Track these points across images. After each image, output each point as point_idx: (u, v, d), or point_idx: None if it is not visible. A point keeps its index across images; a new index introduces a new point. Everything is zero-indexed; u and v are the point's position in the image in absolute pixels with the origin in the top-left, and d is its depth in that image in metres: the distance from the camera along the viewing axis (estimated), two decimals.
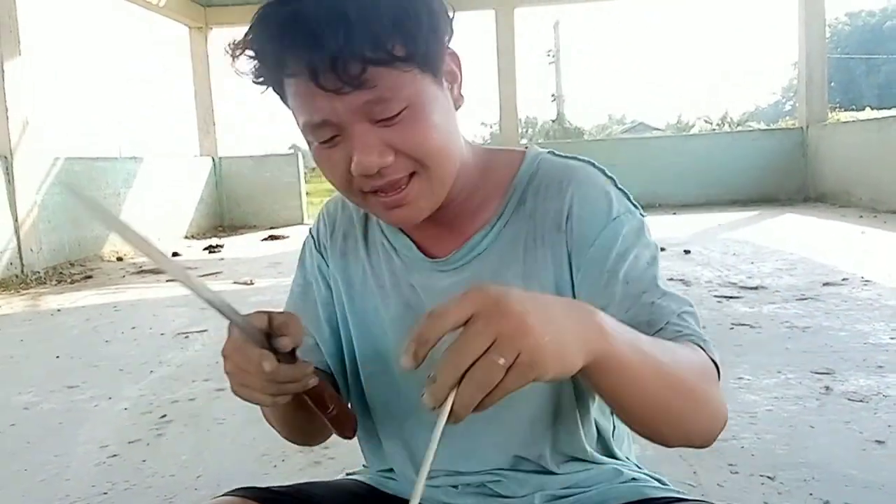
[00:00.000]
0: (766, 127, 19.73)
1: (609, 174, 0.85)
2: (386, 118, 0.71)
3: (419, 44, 0.70)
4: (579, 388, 0.85)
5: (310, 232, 0.97)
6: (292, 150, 12.56)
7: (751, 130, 13.68)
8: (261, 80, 0.74)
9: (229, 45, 0.74)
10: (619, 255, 0.78)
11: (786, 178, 10.13)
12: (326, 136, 0.73)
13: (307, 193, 11.56)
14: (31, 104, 6.45)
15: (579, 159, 0.86)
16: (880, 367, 2.63)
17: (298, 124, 0.75)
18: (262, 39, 0.71)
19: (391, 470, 0.95)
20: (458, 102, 0.78)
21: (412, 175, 0.75)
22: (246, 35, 0.73)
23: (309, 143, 0.76)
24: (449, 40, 0.76)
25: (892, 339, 2.99)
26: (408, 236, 0.88)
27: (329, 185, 0.81)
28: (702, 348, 0.73)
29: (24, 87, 6.35)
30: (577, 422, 0.86)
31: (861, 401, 2.31)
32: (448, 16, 0.75)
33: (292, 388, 0.71)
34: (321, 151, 0.75)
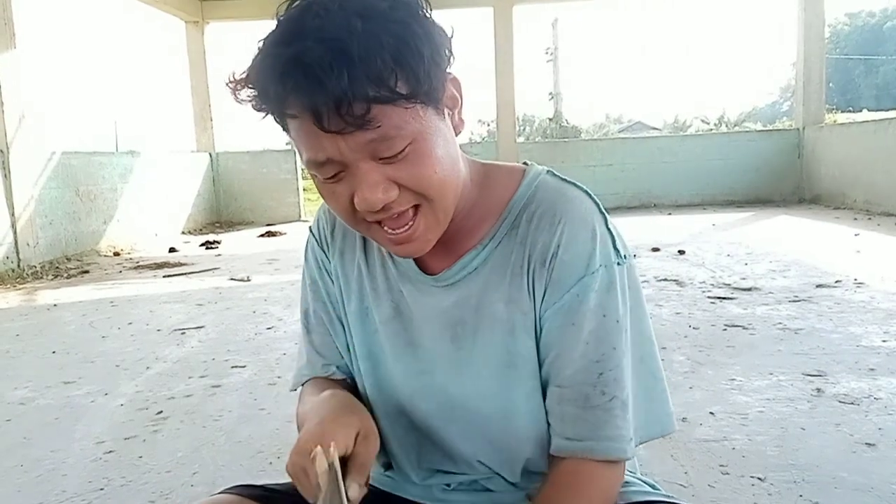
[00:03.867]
0: (762, 128, 19.77)
1: (602, 210, 0.84)
2: (390, 156, 0.71)
3: (422, 79, 0.70)
4: None
5: (310, 230, 0.99)
6: (289, 146, 12.53)
7: (747, 131, 13.70)
8: (262, 113, 0.74)
9: (230, 79, 0.75)
10: (589, 311, 0.80)
11: (781, 179, 10.16)
12: (330, 173, 0.73)
13: (304, 189, 11.55)
14: (27, 98, 6.43)
15: (578, 186, 0.86)
16: (872, 369, 2.65)
17: (301, 158, 0.75)
18: (265, 80, 0.70)
19: (390, 467, 0.97)
20: (458, 128, 0.78)
21: (417, 208, 0.76)
22: (247, 72, 0.73)
23: (312, 176, 0.76)
24: (449, 66, 0.75)
25: (884, 341, 3.01)
26: None
27: None
28: (592, 458, 0.79)
29: (20, 80, 6.34)
30: None
31: (852, 403, 2.33)
32: (449, 41, 0.74)
33: None
34: (325, 186, 0.75)
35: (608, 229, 0.83)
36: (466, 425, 0.87)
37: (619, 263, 0.82)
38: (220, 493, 0.87)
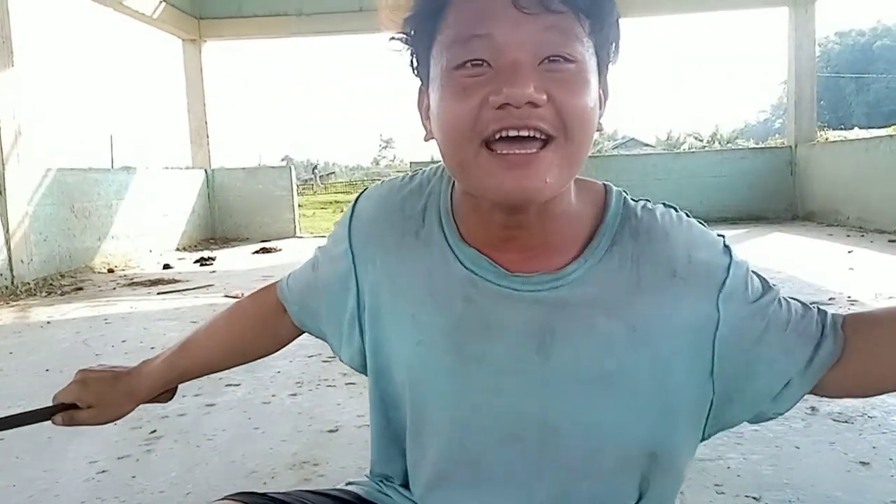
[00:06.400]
0: (754, 145, 19.92)
1: (688, 214, 0.86)
2: (556, 55, 0.68)
3: (605, 25, 0.72)
4: (675, 469, 0.85)
5: (353, 211, 0.92)
6: (284, 163, 12.55)
7: (740, 148, 13.83)
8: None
9: None
10: (763, 285, 0.84)
11: (774, 196, 10.23)
12: (475, 56, 0.69)
13: (299, 206, 11.57)
14: (23, 115, 6.44)
15: (654, 202, 0.86)
16: None
17: (444, 41, 0.71)
18: None
19: (391, 479, 0.94)
20: (598, 128, 0.75)
21: (547, 142, 0.69)
22: None
23: (439, 72, 0.72)
24: (613, 62, 0.76)
25: None
26: (478, 252, 0.81)
27: (321, 199, 0.80)
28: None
29: (17, 97, 6.36)
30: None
31: (846, 422, 2.34)
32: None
33: None
34: (456, 79, 0.70)
35: (700, 222, 0.86)
36: (534, 444, 0.79)
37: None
38: (222, 499, 0.86)
